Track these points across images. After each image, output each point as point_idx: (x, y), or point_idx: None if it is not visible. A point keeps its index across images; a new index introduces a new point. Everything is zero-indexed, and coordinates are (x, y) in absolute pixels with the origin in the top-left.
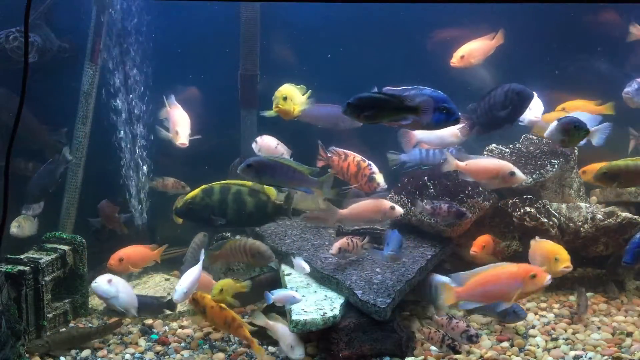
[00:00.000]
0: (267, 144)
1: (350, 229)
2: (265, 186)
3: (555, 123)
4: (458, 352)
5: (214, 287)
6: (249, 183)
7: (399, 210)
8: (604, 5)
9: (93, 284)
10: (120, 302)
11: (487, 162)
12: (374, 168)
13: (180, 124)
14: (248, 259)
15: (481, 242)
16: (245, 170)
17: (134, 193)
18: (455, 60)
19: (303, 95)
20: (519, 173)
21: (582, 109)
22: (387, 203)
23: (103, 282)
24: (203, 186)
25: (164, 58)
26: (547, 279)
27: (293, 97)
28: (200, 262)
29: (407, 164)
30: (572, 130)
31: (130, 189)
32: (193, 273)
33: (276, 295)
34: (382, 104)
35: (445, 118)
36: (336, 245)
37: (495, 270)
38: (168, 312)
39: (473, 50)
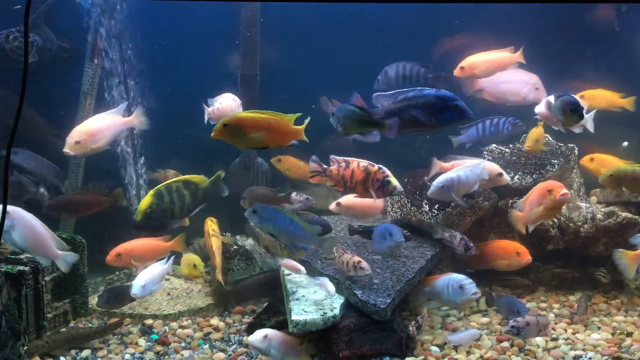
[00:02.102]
0: (227, 105)
1: (360, 226)
2: (194, 175)
3: (557, 101)
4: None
5: (187, 264)
6: (183, 177)
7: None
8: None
9: None
10: (11, 239)
11: (473, 160)
12: (387, 171)
13: (72, 131)
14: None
15: (520, 248)
16: (250, 214)
17: (134, 192)
18: (455, 71)
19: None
20: (505, 175)
21: (603, 99)
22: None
23: None
24: (151, 192)
25: (163, 57)
26: (562, 192)
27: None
28: (167, 264)
29: (466, 144)
30: (568, 112)
31: (129, 187)
32: (153, 270)
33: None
34: (352, 116)
35: (458, 115)
36: (365, 264)
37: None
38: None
39: (478, 62)
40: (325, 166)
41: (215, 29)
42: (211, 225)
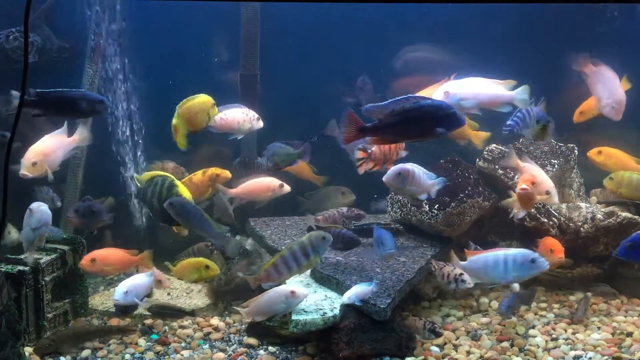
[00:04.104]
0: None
1: (354, 225)
2: None
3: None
4: (439, 335)
5: (196, 269)
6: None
7: (287, 188)
8: None
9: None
10: None
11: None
12: None
13: (27, 153)
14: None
15: (555, 245)
16: (168, 206)
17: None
18: None
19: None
20: (553, 194)
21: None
22: (276, 181)
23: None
24: (179, 182)
25: (163, 57)
26: (520, 187)
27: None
28: (151, 274)
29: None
30: (535, 123)
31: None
32: (138, 279)
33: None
34: (279, 151)
35: (456, 123)
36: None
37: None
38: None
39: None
40: (369, 150)
41: (215, 28)
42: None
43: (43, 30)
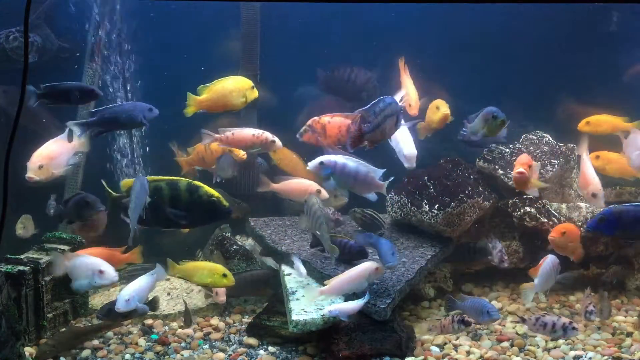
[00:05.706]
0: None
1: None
2: None
3: (479, 115)
4: (469, 324)
5: (211, 273)
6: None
7: (325, 194)
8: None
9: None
10: None
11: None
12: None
13: (33, 156)
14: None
15: (561, 229)
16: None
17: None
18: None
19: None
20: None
21: (608, 125)
22: (315, 186)
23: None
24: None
25: (164, 57)
26: (517, 170)
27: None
28: (155, 275)
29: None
30: (490, 119)
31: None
32: (140, 283)
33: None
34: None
35: (400, 120)
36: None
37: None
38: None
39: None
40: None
41: (215, 28)
42: None
43: (43, 30)
